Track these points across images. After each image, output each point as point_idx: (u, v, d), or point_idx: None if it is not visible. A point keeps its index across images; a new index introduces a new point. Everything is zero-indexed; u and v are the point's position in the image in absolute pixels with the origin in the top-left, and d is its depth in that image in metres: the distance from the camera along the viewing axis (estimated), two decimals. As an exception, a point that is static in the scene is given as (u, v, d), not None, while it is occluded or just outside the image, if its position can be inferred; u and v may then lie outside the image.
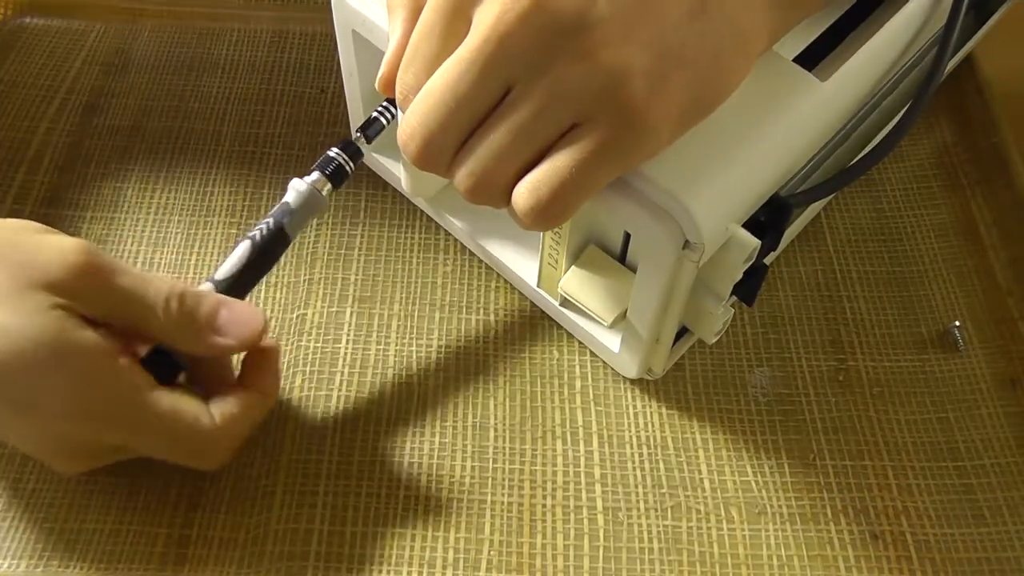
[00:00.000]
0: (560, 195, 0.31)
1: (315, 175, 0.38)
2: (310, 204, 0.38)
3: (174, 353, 0.36)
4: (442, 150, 0.33)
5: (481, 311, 0.46)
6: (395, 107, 0.39)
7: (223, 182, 0.50)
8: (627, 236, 0.42)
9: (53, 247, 0.34)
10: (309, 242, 0.48)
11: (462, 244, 0.48)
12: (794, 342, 0.46)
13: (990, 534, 0.40)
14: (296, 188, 0.38)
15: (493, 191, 0.33)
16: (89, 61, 0.56)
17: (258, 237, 0.38)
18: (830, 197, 0.50)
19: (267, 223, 0.38)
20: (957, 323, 0.46)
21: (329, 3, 0.42)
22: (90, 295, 0.34)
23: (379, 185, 0.51)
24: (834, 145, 0.40)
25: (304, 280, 0.47)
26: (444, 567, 0.39)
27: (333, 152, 0.39)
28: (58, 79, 0.55)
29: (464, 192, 0.33)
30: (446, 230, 0.49)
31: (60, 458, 0.37)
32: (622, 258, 0.43)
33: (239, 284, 0.38)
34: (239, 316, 0.37)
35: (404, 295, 0.47)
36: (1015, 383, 0.45)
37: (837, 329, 0.46)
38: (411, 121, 0.32)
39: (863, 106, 0.41)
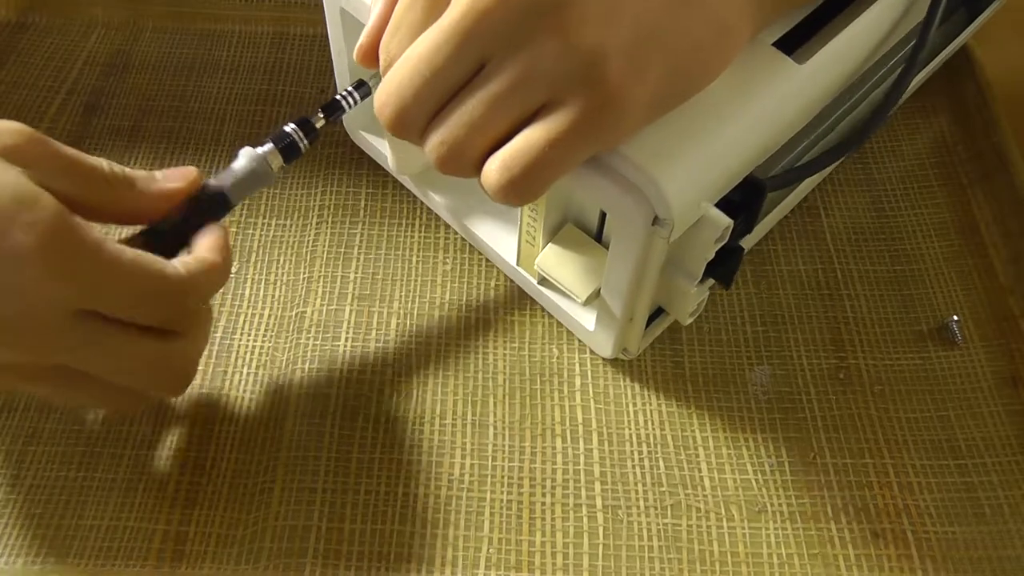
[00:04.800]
0: (531, 172, 0.32)
1: (268, 146, 0.38)
2: (257, 174, 0.38)
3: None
4: (415, 119, 0.33)
5: (480, 309, 0.46)
6: (359, 93, 0.40)
7: (223, 181, 0.50)
8: (603, 215, 0.42)
9: None
10: (309, 240, 0.48)
11: (462, 243, 0.48)
12: (794, 340, 0.46)
13: (991, 532, 0.40)
14: (246, 156, 0.38)
15: (463, 161, 0.33)
16: (90, 61, 0.56)
17: (199, 198, 0.37)
18: (817, 177, 0.50)
19: (209, 185, 0.37)
20: (955, 317, 0.46)
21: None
22: (41, 159, 0.33)
23: (378, 183, 0.51)
24: (814, 131, 0.40)
25: (304, 278, 0.47)
26: (443, 564, 0.39)
27: (289, 128, 0.39)
28: (59, 79, 0.55)
29: (435, 161, 0.34)
30: (445, 228, 0.49)
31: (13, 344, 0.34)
32: (598, 238, 0.43)
33: (173, 240, 0.37)
34: (174, 169, 0.37)
35: (403, 293, 0.47)
36: (1016, 381, 0.44)
37: (837, 327, 0.46)
38: (387, 88, 0.33)
39: (842, 91, 0.41)
